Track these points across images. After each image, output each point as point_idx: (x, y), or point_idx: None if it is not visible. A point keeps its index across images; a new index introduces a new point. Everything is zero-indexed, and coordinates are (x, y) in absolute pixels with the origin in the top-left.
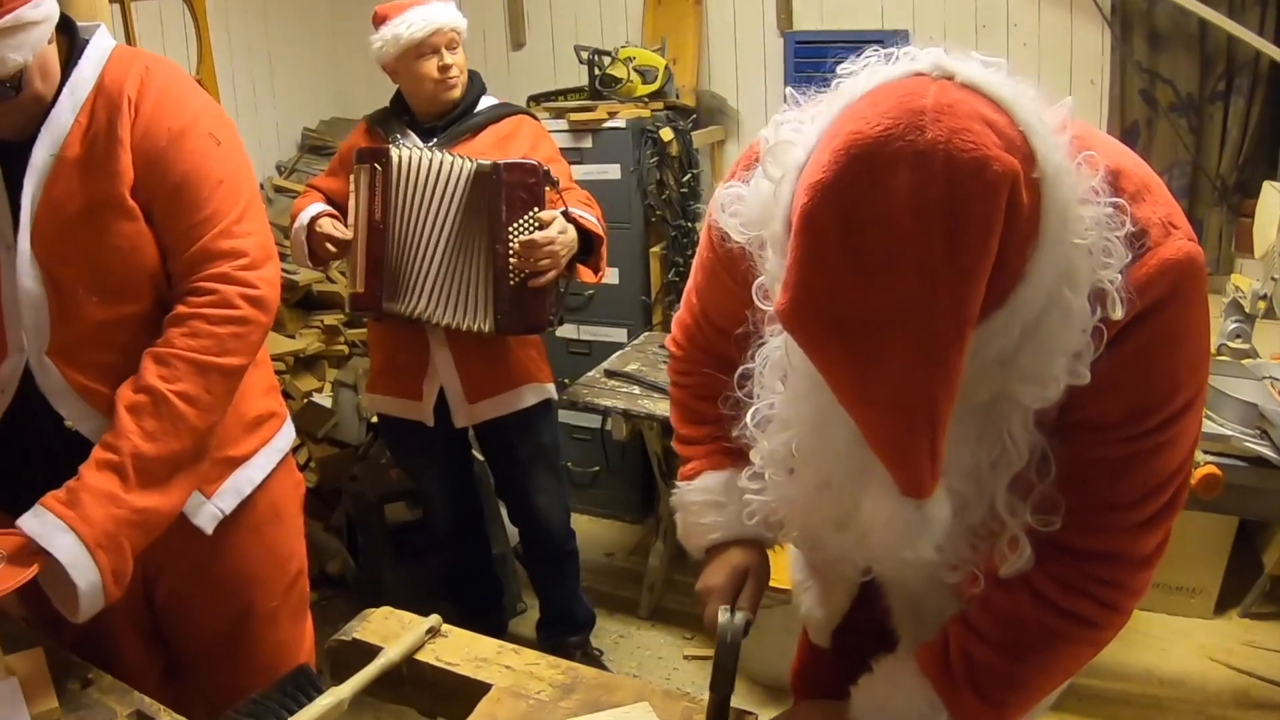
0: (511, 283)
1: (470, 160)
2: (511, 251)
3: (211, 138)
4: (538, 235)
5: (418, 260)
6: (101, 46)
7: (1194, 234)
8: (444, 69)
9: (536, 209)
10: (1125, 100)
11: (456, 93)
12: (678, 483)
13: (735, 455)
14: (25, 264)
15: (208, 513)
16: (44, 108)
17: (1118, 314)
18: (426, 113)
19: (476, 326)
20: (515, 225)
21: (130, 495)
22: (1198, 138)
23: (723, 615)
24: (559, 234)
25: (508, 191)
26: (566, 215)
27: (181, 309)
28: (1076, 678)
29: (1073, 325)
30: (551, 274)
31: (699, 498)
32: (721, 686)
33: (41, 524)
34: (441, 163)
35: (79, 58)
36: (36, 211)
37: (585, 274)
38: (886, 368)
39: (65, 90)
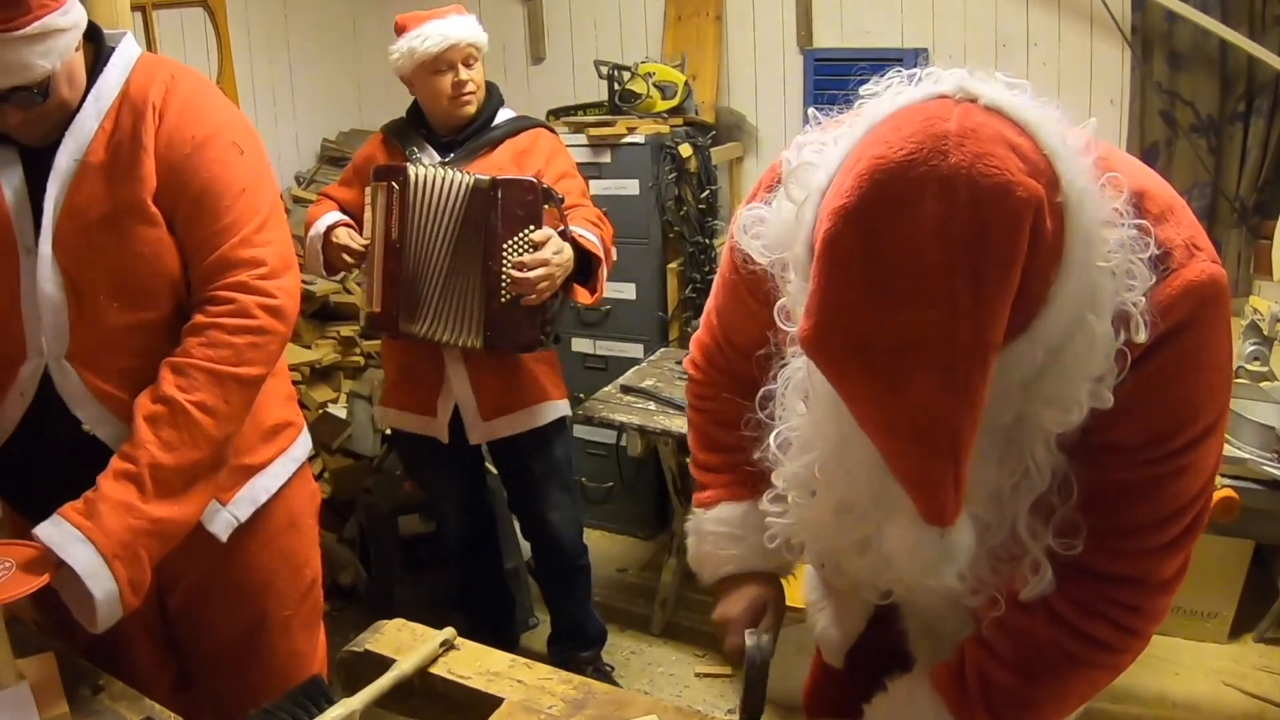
0: (503, 300)
1: (469, 175)
2: (505, 268)
3: (235, 147)
4: (527, 257)
5: (428, 279)
6: (128, 54)
7: (1217, 256)
8: (458, 85)
9: (533, 227)
10: (1145, 121)
11: (471, 109)
12: (694, 509)
13: (753, 485)
14: (46, 268)
15: (223, 520)
16: (68, 114)
17: (1141, 337)
18: (443, 126)
19: (468, 342)
20: (510, 242)
21: (148, 505)
22: (1217, 159)
23: (749, 638)
24: (553, 254)
25: (504, 208)
26: (565, 234)
27: (200, 318)
28: (1091, 701)
29: (1096, 349)
30: (544, 294)
31: (716, 528)
32: (752, 709)
33: (59, 533)
34: (454, 179)
35: (105, 65)
36: (59, 216)
37: (581, 295)
38: (909, 395)
39: (90, 96)
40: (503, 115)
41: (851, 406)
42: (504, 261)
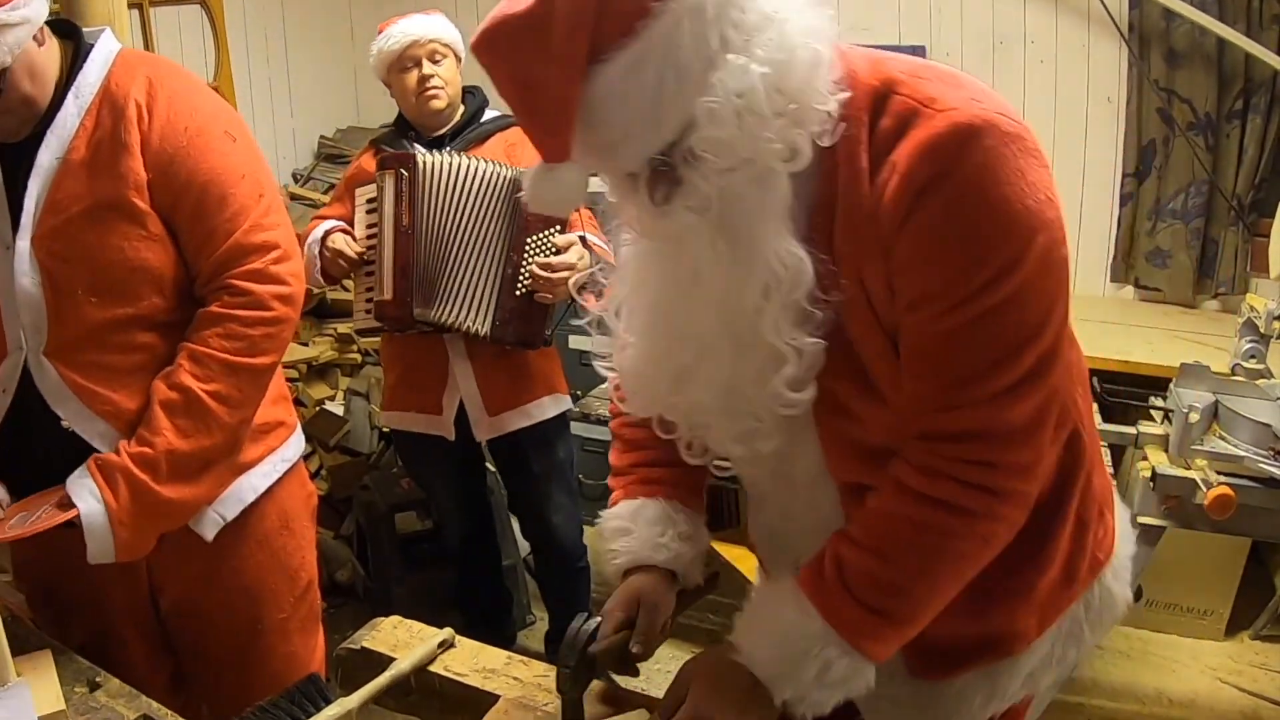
0: (518, 293)
1: (506, 166)
2: (527, 263)
3: (228, 135)
4: (554, 260)
5: (442, 265)
6: (106, 50)
7: (1011, 113)
8: (422, 80)
9: (559, 227)
10: (1142, 118)
11: (439, 104)
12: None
13: (652, 486)
14: (24, 263)
15: (209, 519)
16: (37, 110)
17: (797, 165)
18: (424, 125)
19: (472, 328)
20: (534, 238)
21: (161, 487)
22: (1215, 157)
23: (576, 620)
24: (577, 259)
25: None
26: (585, 241)
27: (217, 309)
28: (1086, 697)
29: (769, 192)
30: (560, 295)
31: (609, 524)
32: (564, 687)
33: (79, 481)
34: (473, 166)
35: (84, 62)
36: (40, 212)
37: (590, 300)
38: (515, 68)
39: (70, 94)
40: (490, 114)
41: (499, 85)
42: (526, 256)
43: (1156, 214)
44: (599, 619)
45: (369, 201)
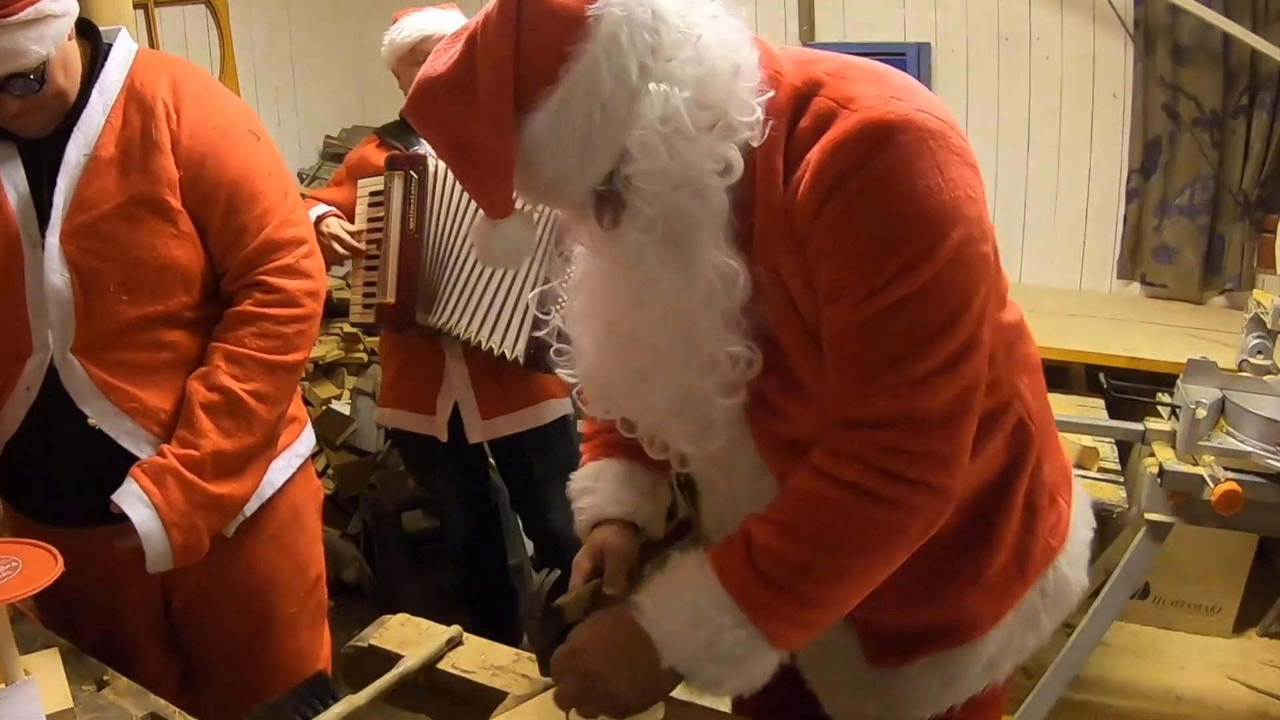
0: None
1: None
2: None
3: (252, 134)
4: None
5: (453, 272)
6: (126, 49)
7: (943, 114)
8: None
9: None
10: (1148, 114)
11: None
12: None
13: (614, 449)
14: (54, 261)
15: None
16: (67, 104)
17: (732, 177)
18: None
19: (506, 353)
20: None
21: (209, 485)
22: (1220, 153)
23: (538, 575)
24: None
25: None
26: None
27: (250, 307)
28: (1093, 694)
29: (707, 204)
30: None
31: (576, 484)
32: (534, 637)
33: (126, 490)
34: None
35: (104, 60)
36: (69, 209)
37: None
38: (447, 130)
39: (95, 91)
40: None
41: (436, 149)
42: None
43: (1163, 210)
44: (559, 572)
45: (373, 194)
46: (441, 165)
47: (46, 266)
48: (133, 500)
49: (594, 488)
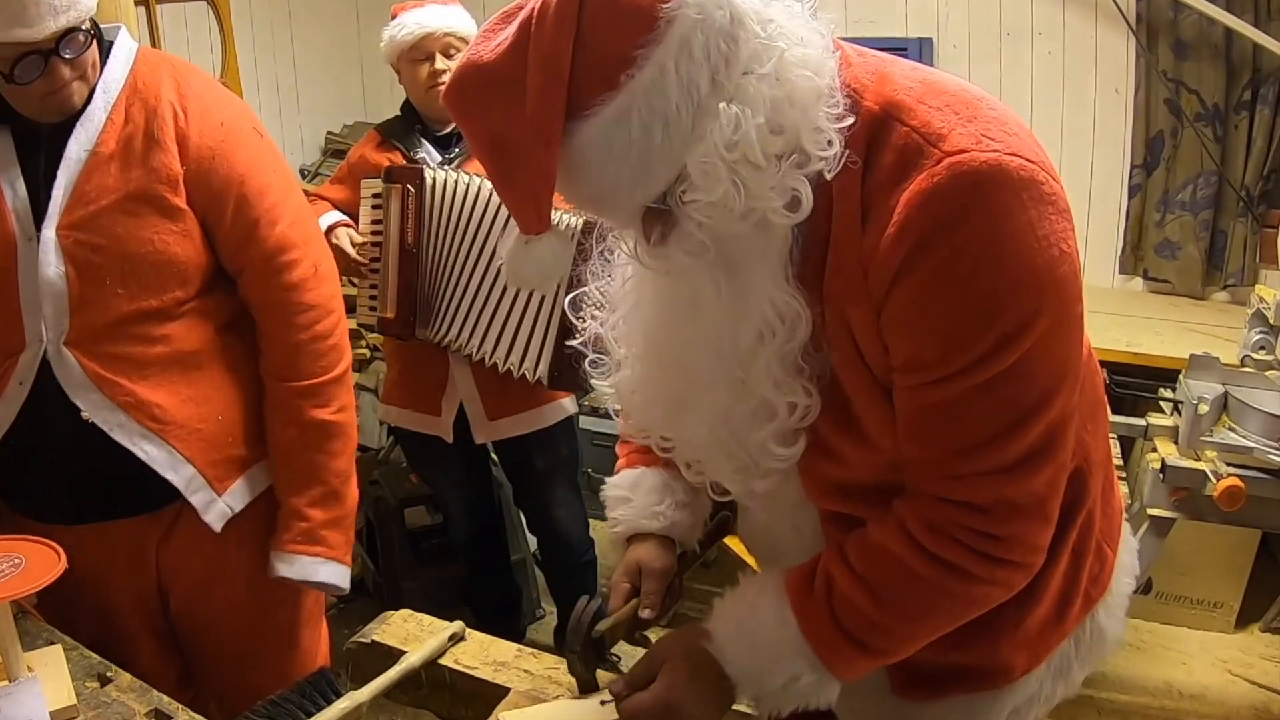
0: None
1: (570, 214)
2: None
3: (255, 131)
4: None
5: (452, 287)
6: (127, 47)
7: (1025, 152)
8: (433, 74)
9: None
10: (1150, 110)
11: None
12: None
13: (651, 455)
14: (49, 253)
15: (217, 510)
16: (93, 82)
17: (801, 214)
18: (433, 117)
19: (526, 374)
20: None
21: (345, 505)
22: (1223, 148)
23: (580, 603)
24: None
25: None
26: None
27: (298, 337)
28: (1096, 690)
29: (771, 237)
30: None
31: (610, 493)
32: (576, 670)
33: (300, 567)
34: (485, 189)
35: (106, 57)
36: (68, 203)
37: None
38: (488, 123)
39: (98, 88)
40: None
41: (472, 144)
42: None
43: (1165, 205)
44: (600, 600)
45: (374, 197)
46: (439, 177)
47: (41, 259)
48: (313, 569)
49: (630, 498)
